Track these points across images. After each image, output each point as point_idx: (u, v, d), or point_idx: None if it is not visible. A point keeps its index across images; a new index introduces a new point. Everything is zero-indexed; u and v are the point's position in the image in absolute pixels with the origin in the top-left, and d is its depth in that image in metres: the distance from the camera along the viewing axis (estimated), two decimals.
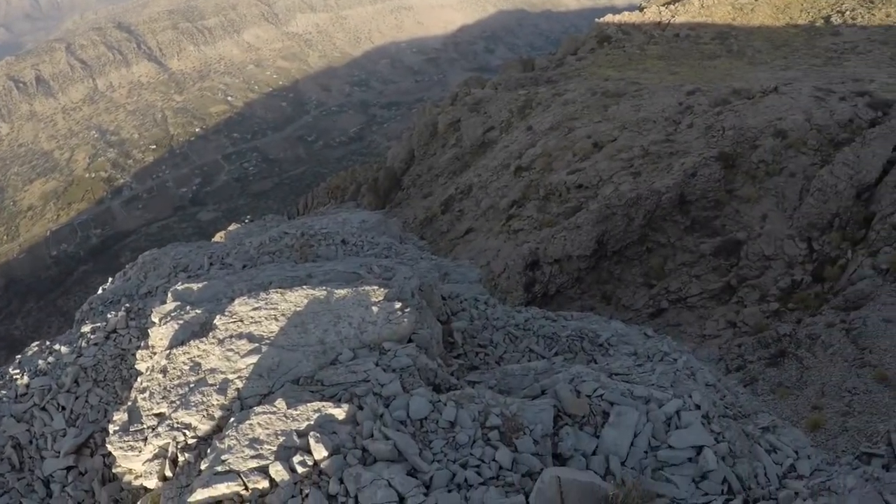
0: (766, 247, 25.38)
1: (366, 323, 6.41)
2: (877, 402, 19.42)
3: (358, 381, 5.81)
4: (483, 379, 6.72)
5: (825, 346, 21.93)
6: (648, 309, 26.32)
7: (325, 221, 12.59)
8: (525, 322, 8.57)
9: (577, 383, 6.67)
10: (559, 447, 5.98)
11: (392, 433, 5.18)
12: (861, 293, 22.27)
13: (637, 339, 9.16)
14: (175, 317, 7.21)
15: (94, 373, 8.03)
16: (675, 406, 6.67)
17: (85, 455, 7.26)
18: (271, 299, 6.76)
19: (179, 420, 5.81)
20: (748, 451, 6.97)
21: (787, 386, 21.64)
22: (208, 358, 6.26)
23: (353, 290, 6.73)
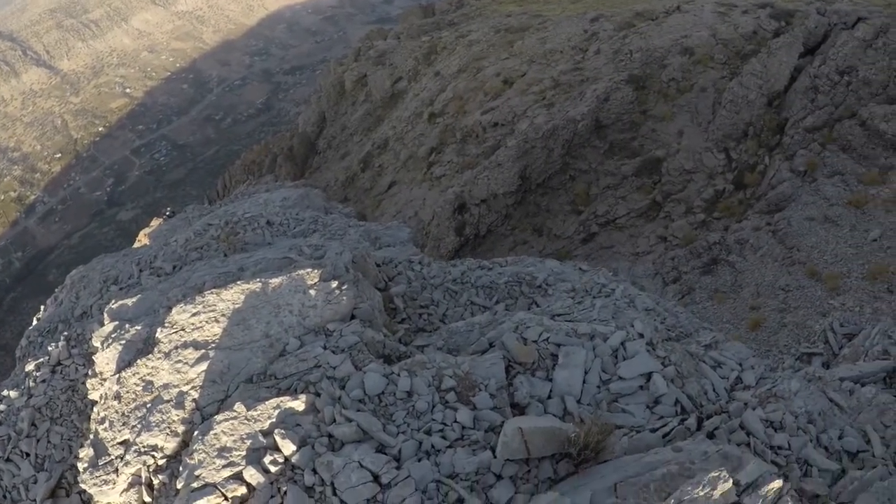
0: (685, 161, 26.23)
1: (306, 308, 6.39)
2: (811, 297, 20.48)
3: (310, 369, 5.83)
4: (430, 341, 6.82)
5: (755, 249, 22.99)
6: (580, 235, 27.01)
7: (247, 205, 12.32)
8: (462, 275, 8.67)
9: (522, 330, 6.79)
10: (515, 397, 6.14)
11: (353, 414, 5.25)
12: (782, 195, 23.36)
13: (573, 276, 9.36)
14: (116, 338, 7.02)
15: (49, 411, 7.82)
16: (619, 338, 6.86)
17: (61, 497, 7.16)
18: (208, 301, 6.65)
19: (145, 443, 5.74)
20: (694, 370, 7.24)
21: (723, 291, 22.63)
22: (158, 374, 6.15)
23: (288, 277, 6.67)
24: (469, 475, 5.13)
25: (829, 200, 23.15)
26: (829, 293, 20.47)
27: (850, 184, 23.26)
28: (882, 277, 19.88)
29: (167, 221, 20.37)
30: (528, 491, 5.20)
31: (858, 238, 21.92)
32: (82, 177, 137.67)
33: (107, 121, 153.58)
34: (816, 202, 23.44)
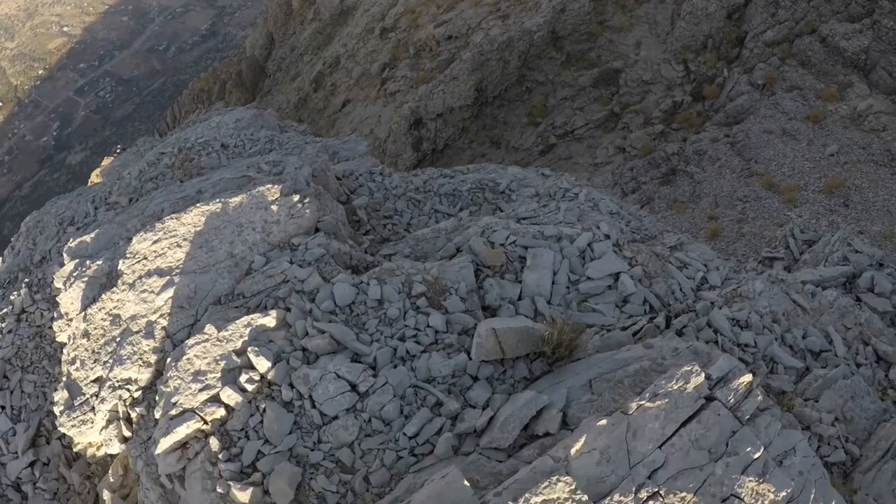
0: (643, 72, 25.95)
1: (269, 224, 6.21)
2: (768, 208, 20.83)
3: (278, 284, 5.70)
4: (397, 249, 6.71)
5: (713, 160, 23.16)
6: (538, 147, 26.88)
7: (200, 130, 11.84)
8: (424, 184, 8.51)
9: (489, 234, 6.73)
10: (486, 299, 6.13)
11: (325, 325, 5.17)
12: (741, 108, 23.39)
13: (536, 181, 9.28)
14: (78, 276, 6.79)
15: (19, 360, 7.67)
16: (586, 239, 6.85)
17: (42, 445, 7.08)
18: (168, 227, 6.42)
19: (118, 378, 5.62)
20: (661, 270, 7.30)
21: (682, 201, 22.88)
22: (125, 306, 5.97)
23: (248, 195, 6.45)
24: (446, 378, 5.14)
25: (788, 114, 23.32)
26: (786, 205, 20.90)
27: (809, 99, 23.41)
28: (838, 191, 20.33)
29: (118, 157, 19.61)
30: (505, 391, 5.24)
31: (816, 152, 22.24)
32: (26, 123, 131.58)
33: (46, 63, 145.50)
34: (775, 116, 23.60)
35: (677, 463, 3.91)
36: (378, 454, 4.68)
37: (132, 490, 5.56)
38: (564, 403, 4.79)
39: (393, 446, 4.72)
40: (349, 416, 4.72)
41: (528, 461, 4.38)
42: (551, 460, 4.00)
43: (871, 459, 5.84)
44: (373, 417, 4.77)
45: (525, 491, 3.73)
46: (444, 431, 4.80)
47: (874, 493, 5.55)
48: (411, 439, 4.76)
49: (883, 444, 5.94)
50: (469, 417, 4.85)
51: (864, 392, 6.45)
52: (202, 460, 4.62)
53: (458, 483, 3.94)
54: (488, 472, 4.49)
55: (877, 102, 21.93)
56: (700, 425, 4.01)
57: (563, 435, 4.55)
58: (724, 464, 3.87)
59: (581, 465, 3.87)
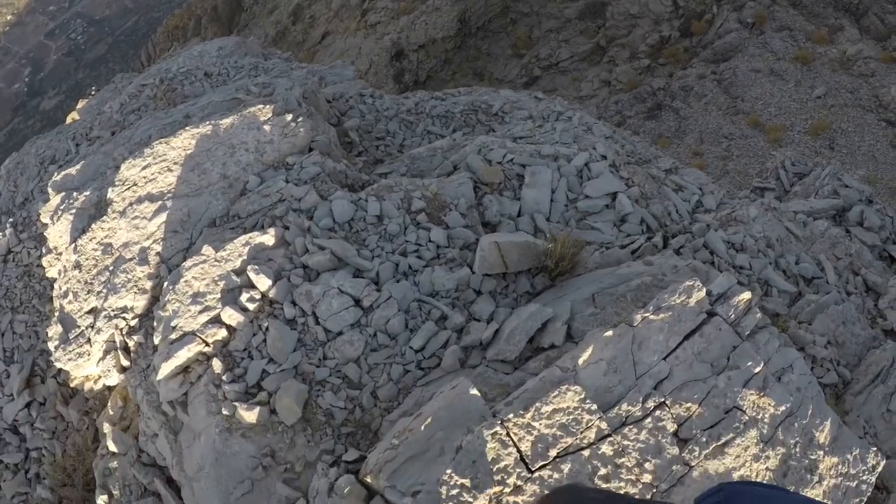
0: (631, 6, 25.37)
1: (262, 144, 5.97)
2: (753, 147, 20.77)
3: (274, 203, 5.51)
4: (392, 168, 6.51)
5: (699, 97, 22.90)
6: (522, 79, 26.50)
7: (181, 60, 11.37)
8: (416, 106, 8.25)
9: (486, 153, 6.60)
10: (485, 216, 6.02)
11: (325, 242, 5.01)
12: (729, 45, 23.01)
13: (529, 104, 9.06)
14: (65, 209, 6.53)
15: (8, 301, 7.44)
16: (583, 159, 6.76)
17: (37, 385, 6.87)
18: (158, 152, 6.15)
19: (113, 307, 5.44)
20: (657, 192, 7.27)
21: (667, 136, 22.71)
22: (116, 234, 5.76)
23: (240, 116, 6.19)
24: (449, 292, 5.03)
25: (776, 54, 23.06)
26: (772, 144, 20.94)
27: (798, 40, 23.13)
28: (824, 134, 20.36)
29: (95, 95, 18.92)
30: (508, 305, 5.16)
31: (803, 94, 22.13)
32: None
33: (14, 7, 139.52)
34: (763, 55, 23.35)
35: (681, 375, 3.90)
36: (385, 368, 4.59)
37: (132, 421, 5.46)
38: (568, 317, 4.71)
39: (399, 360, 4.63)
40: (354, 332, 4.61)
41: (534, 373, 4.31)
42: (559, 370, 3.95)
43: (862, 383, 5.96)
44: (378, 332, 4.66)
45: (536, 400, 3.68)
46: (450, 344, 4.71)
47: (865, 415, 5.69)
48: (417, 353, 4.68)
49: (873, 368, 6.06)
50: (474, 330, 4.76)
51: (854, 319, 6.53)
52: (205, 383, 4.51)
53: (468, 393, 3.87)
54: (496, 384, 4.43)
55: (867, 48, 21.73)
56: (702, 339, 3.99)
57: (568, 347, 4.48)
58: (726, 377, 3.87)
59: (589, 375, 3.83)
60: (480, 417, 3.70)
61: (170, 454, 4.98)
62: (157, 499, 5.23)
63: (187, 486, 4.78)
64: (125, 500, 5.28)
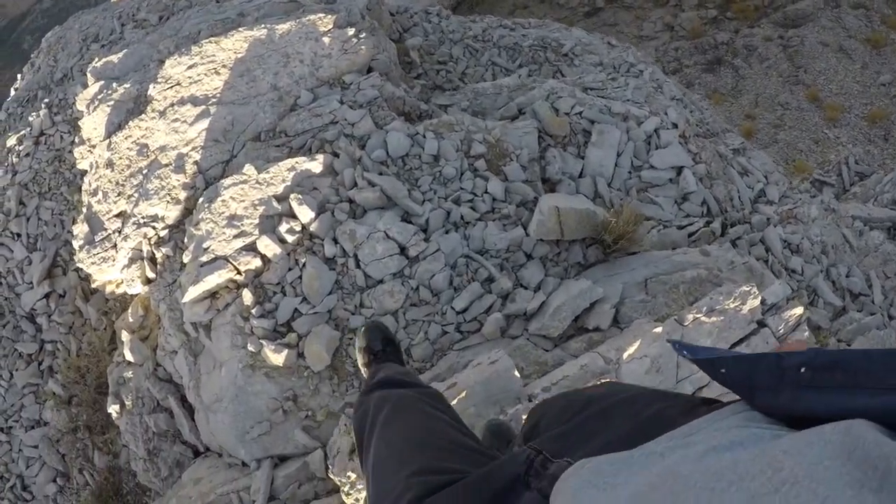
0: None
1: (319, 57, 5.34)
2: (807, 120, 19.63)
3: (325, 125, 4.94)
4: (454, 101, 5.88)
5: (761, 59, 21.52)
6: (584, 7, 25.03)
7: None
8: (483, 33, 7.50)
9: (554, 100, 5.95)
10: (546, 171, 5.44)
11: (376, 178, 4.48)
12: (802, 13, 21.45)
13: (601, 49, 8.27)
14: (102, 99, 6.00)
15: (36, 186, 6.95)
16: (653, 124, 6.13)
17: (58, 276, 6.45)
18: (206, 51, 5.55)
19: (144, 214, 4.98)
20: (723, 173, 6.69)
21: (722, 93, 21.53)
22: (154, 136, 5.25)
23: (298, 23, 5.53)
24: (499, 252, 4.52)
25: (848, 31, 21.52)
26: (827, 122, 19.89)
27: (874, 21, 21.59)
28: (881, 123, 19.23)
29: None
30: (558, 275, 4.66)
31: (868, 78, 20.87)
32: None
33: None
34: (835, 29, 21.80)
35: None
36: (423, 326, 4.14)
37: (152, 332, 5.11)
38: (618, 300, 4.32)
39: (439, 319, 4.18)
40: (396, 282, 4.13)
41: (574, 354, 3.97)
42: (602, 360, 3.59)
43: None
44: (421, 286, 4.19)
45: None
46: (494, 310, 4.25)
47: None
48: (459, 314, 4.22)
49: None
50: (520, 299, 4.29)
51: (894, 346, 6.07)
52: (233, 313, 4.10)
53: (508, 372, 3.51)
54: (533, 359, 4.05)
55: None
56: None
57: (612, 332, 4.12)
58: None
59: (631, 370, 3.48)
60: (515, 399, 3.37)
61: (187, 375, 4.65)
62: (170, 415, 4.95)
63: (202, 411, 4.46)
64: (136, 412, 4.99)
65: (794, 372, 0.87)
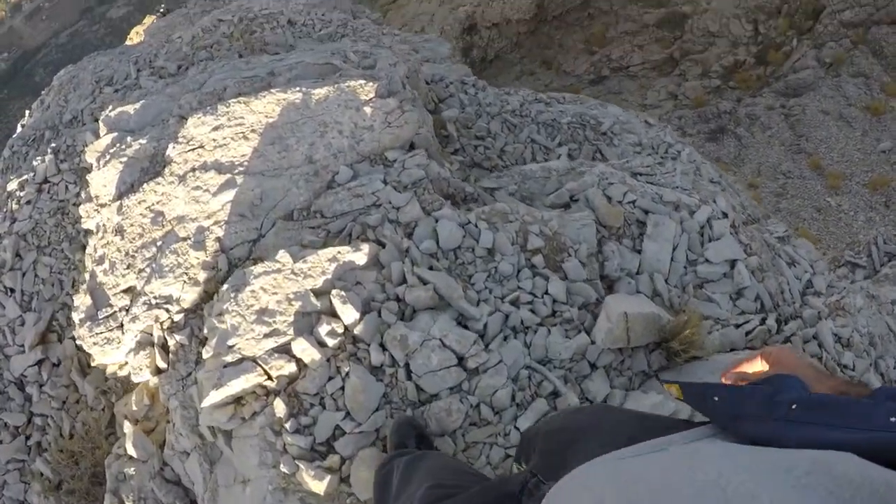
0: (711, 23, 23.77)
1: (360, 129, 4.74)
2: (809, 189, 19.53)
3: (367, 207, 4.31)
4: (500, 184, 5.30)
5: (764, 128, 21.53)
6: (589, 76, 25.06)
7: (265, 1, 10.12)
8: (521, 107, 7.00)
9: (605, 186, 5.45)
10: (605, 267, 4.85)
11: (428, 274, 3.84)
12: (803, 82, 21.60)
13: (639, 128, 7.85)
14: (115, 154, 5.37)
15: (36, 238, 6.25)
16: (705, 214, 5.62)
17: (52, 342, 5.72)
18: (234, 112, 4.98)
19: (156, 293, 4.28)
20: (771, 264, 6.19)
21: (725, 161, 21.41)
22: (171, 203, 4.60)
23: (336, 88, 4.96)
24: (563, 362, 3.87)
25: (848, 100, 21.74)
26: (829, 190, 19.88)
27: (873, 89, 21.84)
28: (881, 190, 19.27)
29: (164, 18, 17.71)
30: (623, 385, 4.03)
31: (868, 145, 21.01)
32: None
33: None
34: (835, 98, 22.02)
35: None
36: (484, 449, 3.47)
37: (159, 424, 4.39)
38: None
39: (502, 441, 3.50)
40: (454, 398, 3.47)
41: None
42: None
43: None
44: (482, 403, 3.53)
45: None
46: None
47: None
48: None
49: None
50: None
51: None
52: (262, 425, 3.41)
53: None
54: None
55: None
56: None
57: None
58: None
59: None
60: None
61: (201, 483, 3.93)
62: None
63: None
64: None
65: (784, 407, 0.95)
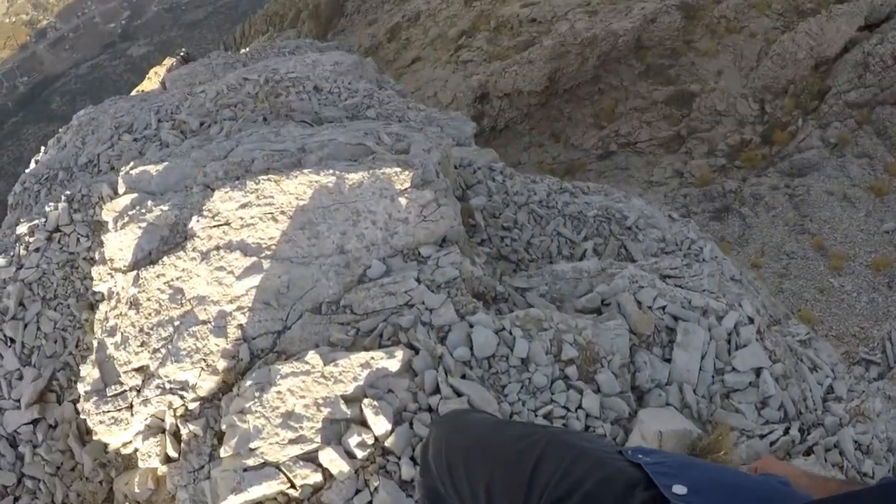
0: (718, 102, 24.16)
1: (394, 221, 4.57)
2: (812, 270, 19.50)
3: (400, 307, 4.10)
4: (531, 284, 5.11)
5: (768, 208, 21.63)
6: (597, 150, 25.27)
7: (292, 64, 10.13)
8: (547, 197, 6.89)
9: (636, 290, 5.30)
10: (637, 378, 4.66)
11: (462, 385, 3.62)
12: (807, 162, 21.85)
13: (663, 223, 7.78)
14: (134, 217, 5.16)
15: (41, 289, 5.95)
16: (732, 320, 5.47)
17: (51, 402, 5.39)
18: (263, 190, 4.81)
19: (171, 378, 4.03)
20: (794, 369, 6.05)
21: (728, 241, 21.40)
22: (192, 281, 4.38)
23: (370, 174, 4.80)
24: None
25: (853, 180, 21.98)
26: (831, 271, 19.88)
27: (877, 170, 22.13)
28: (885, 271, 19.29)
29: (187, 66, 17.85)
30: None
31: (872, 225, 21.10)
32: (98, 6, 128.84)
33: None
34: (839, 178, 22.25)
35: None
36: None
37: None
38: None
39: None
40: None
41: None
42: None
43: None
44: None
45: None
46: None
47: None
48: None
49: None
50: None
51: None
52: None
53: None
54: None
55: None
56: None
57: None
58: None
59: None
60: None
61: None
62: None
63: None
64: None
65: None
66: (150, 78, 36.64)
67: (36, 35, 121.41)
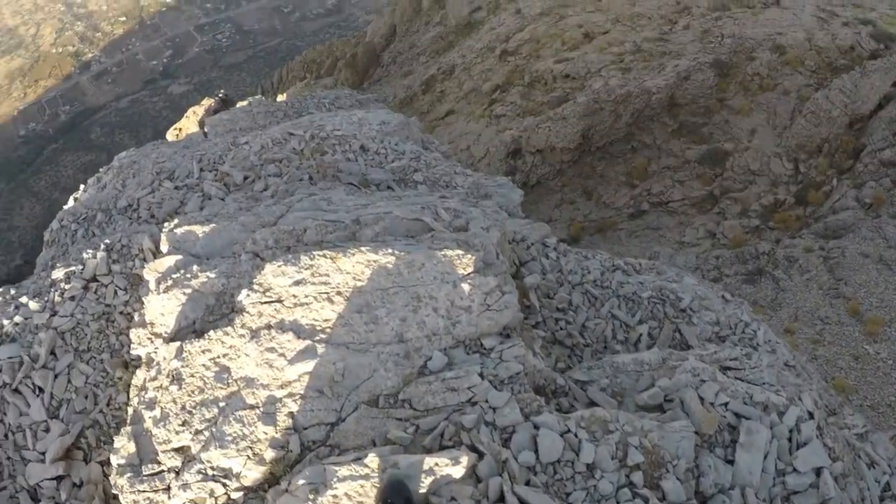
0: (752, 161, 23.88)
1: (457, 309, 4.33)
2: (847, 336, 18.77)
3: (462, 404, 3.84)
4: (592, 377, 4.83)
5: (802, 271, 21.05)
6: (629, 209, 24.99)
7: (338, 120, 10.10)
8: (601, 276, 6.64)
9: (697, 384, 5.01)
10: (700, 483, 4.35)
11: (527, 493, 3.34)
12: (842, 223, 21.31)
13: (716, 304, 7.49)
14: (178, 281, 4.99)
15: (75, 340, 5.71)
16: (793, 416, 5.18)
17: (77, 459, 5.12)
18: (318, 267, 4.62)
19: (214, 463, 3.78)
20: (853, 466, 5.70)
21: (761, 305, 20.78)
22: (239, 360, 4.17)
23: (431, 257, 4.60)
24: None
25: (889, 242, 21.35)
26: (867, 337, 19.11)
27: None
28: None
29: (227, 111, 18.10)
30: None
31: None
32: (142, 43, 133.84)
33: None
34: (875, 240, 21.65)
35: None
36: None
37: None
38: None
39: None
40: None
41: None
42: None
43: None
44: None
45: None
46: None
47: None
48: None
49: None
50: None
51: None
52: None
53: None
54: None
55: None
56: None
57: None
58: None
59: None
60: None
61: None
62: None
63: None
64: None
65: None
66: (189, 117, 37.46)
67: (80, 67, 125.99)
